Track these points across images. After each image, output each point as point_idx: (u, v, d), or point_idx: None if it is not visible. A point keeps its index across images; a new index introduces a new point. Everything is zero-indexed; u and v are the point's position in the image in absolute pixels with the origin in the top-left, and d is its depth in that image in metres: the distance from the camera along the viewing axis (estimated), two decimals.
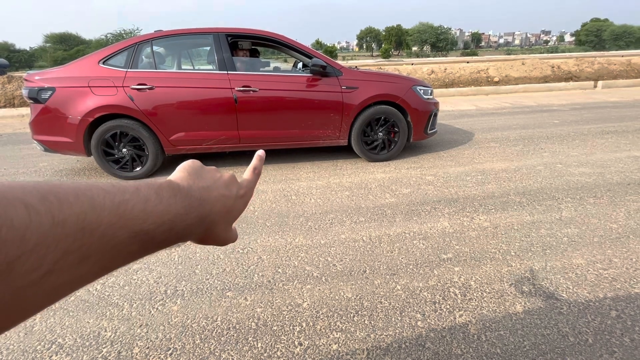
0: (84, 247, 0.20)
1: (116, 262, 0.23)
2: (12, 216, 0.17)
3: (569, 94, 8.10)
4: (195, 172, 0.34)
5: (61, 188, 0.21)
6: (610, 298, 1.50)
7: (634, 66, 9.67)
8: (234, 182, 0.37)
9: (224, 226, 0.35)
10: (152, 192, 0.26)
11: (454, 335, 1.33)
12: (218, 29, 3.26)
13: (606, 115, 5.33)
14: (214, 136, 3.23)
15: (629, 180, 2.80)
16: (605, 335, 1.30)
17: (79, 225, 0.20)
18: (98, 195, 0.22)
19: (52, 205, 0.19)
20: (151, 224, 0.25)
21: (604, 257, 1.80)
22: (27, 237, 0.17)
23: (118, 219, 0.22)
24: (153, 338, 1.37)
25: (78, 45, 54.19)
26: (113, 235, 0.22)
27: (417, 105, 3.48)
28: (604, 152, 3.55)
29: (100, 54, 3.12)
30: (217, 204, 0.33)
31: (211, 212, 0.32)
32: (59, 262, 0.19)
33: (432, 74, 9.29)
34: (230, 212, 0.35)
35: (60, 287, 0.20)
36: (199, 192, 0.31)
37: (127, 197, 0.24)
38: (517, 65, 9.48)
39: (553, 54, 13.97)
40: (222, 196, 0.34)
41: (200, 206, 0.31)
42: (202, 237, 0.33)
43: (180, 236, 0.28)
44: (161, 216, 0.26)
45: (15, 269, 0.17)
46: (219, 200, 0.34)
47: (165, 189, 0.28)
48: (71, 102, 2.99)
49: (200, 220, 0.30)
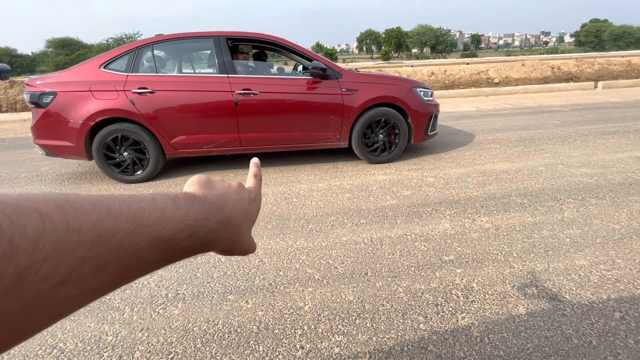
0: (101, 255, 0.20)
1: (136, 271, 0.23)
2: (26, 224, 0.17)
3: (569, 94, 8.10)
4: (205, 183, 0.34)
5: (77, 197, 0.20)
6: (614, 299, 1.49)
7: (634, 66, 9.67)
8: (243, 188, 0.38)
9: (246, 231, 0.35)
10: (169, 200, 0.26)
11: (457, 337, 1.32)
12: (218, 33, 3.28)
13: (607, 116, 5.32)
14: (215, 139, 3.24)
15: (631, 180, 2.79)
16: (609, 337, 1.29)
17: (96, 232, 0.20)
18: (114, 204, 0.22)
19: (67, 213, 0.19)
20: (170, 230, 0.25)
21: (607, 258, 1.78)
22: (40, 245, 0.17)
23: (136, 226, 0.22)
24: (154, 342, 1.36)
25: (79, 49, 54.52)
26: (132, 243, 0.22)
27: (418, 107, 3.48)
28: (605, 152, 3.54)
29: (101, 59, 3.14)
30: (236, 208, 0.33)
31: (232, 216, 0.32)
32: (75, 272, 0.18)
33: (432, 75, 9.31)
34: (248, 217, 0.36)
35: (75, 297, 0.19)
36: (216, 199, 0.32)
37: (144, 205, 0.24)
38: (517, 67, 9.49)
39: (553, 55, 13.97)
40: (238, 201, 0.35)
41: (220, 211, 0.31)
42: (228, 245, 0.33)
43: (204, 243, 0.28)
44: (180, 222, 0.26)
45: (27, 278, 0.16)
46: (236, 205, 0.34)
47: (182, 198, 0.28)
48: (72, 107, 3.00)
49: (224, 225, 0.30)
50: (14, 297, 0.16)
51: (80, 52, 51.40)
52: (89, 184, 3.28)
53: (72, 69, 3.16)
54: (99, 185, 3.22)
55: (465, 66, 10.08)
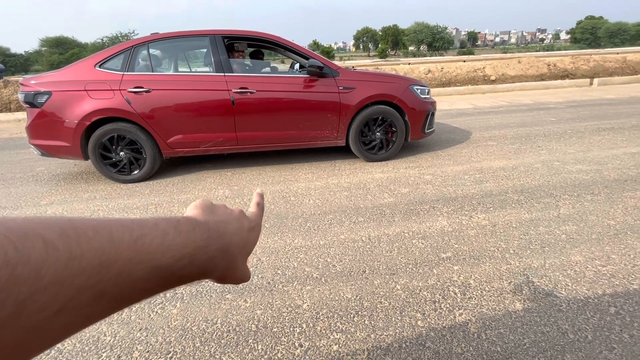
0: (100, 283, 0.20)
1: (132, 299, 0.23)
2: (30, 252, 0.16)
3: (565, 91, 8.14)
4: (207, 208, 0.34)
5: (81, 223, 0.20)
6: (609, 294, 1.50)
7: (629, 63, 9.72)
8: (244, 216, 0.37)
9: (242, 260, 0.35)
10: (171, 226, 0.26)
11: (454, 334, 1.33)
12: (214, 31, 3.26)
13: (602, 113, 5.36)
14: (212, 138, 3.23)
15: (625, 176, 2.81)
16: (604, 332, 1.31)
17: (97, 260, 0.19)
18: (117, 230, 0.22)
19: (70, 240, 0.18)
20: (170, 258, 0.24)
21: (602, 253, 1.80)
22: (42, 274, 0.17)
23: (136, 254, 0.22)
24: (153, 342, 1.36)
25: (74, 48, 54.03)
26: (131, 271, 0.21)
27: (415, 105, 3.49)
28: (600, 149, 3.56)
29: (96, 58, 3.11)
30: (235, 236, 0.33)
31: (230, 244, 0.32)
32: (73, 300, 0.18)
33: (429, 73, 9.31)
34: (246, 246, 0.35)
35: (70, 325, 0.19)
36: (216, 225, 0.31)
37: (146, 231, 0.24)
38: (514, 64, 9.52)
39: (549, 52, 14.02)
40: (238, 229, 0.34)
41: (220, 238, 0.31)
42: (224, 273, 0.32)
43: (202, 271, 0.28)
44: (180, 249, 0.25)
45: (26, 308, 0.16)
46: (235, 233, 0.34)
47: (184, 223, 0.28)
48: (68, 106, 2.98)
49: (222, 253, 0.30)
50: (11, 328, 0.16)
51: (75, 51, 50.94)
52: (85, 184, 3.26)
53: (67, 68, 3.13)
54: (95, 185, 3.20)
55: (462, 64, 10.09)
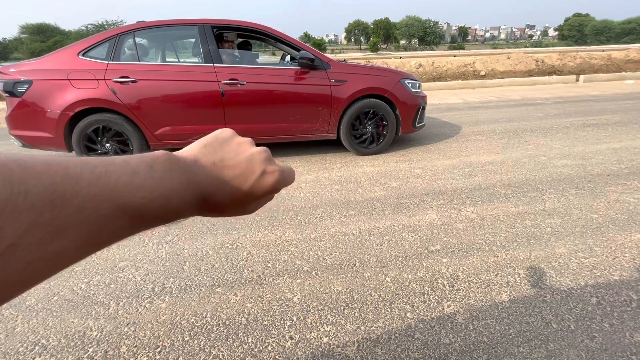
0: (57, 219, 0.19)
1: (104, 237, 0.22)
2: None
3: (552, 87, 8.28)
4: (213, 143, 0.31)
5: (31, 158, 0.19)
6: (591, 285, 1.55)
7: (614, 60, 9.94)
8: (262, 160, 0.32)
9: (234, 210, 0.31)
10: (144, 164, 0.24)
11: (443, 325, 1.36)
12: (203, 20, 3.18)
13: (587, 109, 5.47)
14: (201, 130, 3.17)
15: (608, 171, 2.89)
16: (586, 322, 1.35)
17: (48, 197, 0.18)
18: (75, 166, 0.21)
19: (12, 174, 0.18)
20: (141, 198, 0.23)
21: (585, 246, 1.85)
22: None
23: (99, 191, 0.21)
24: (141, 336, 1.35)
25: (56, 36, 52.10)
26: (94, 209, 0.20)
27: (406, 99, 3.49)
28: (585, 144, 3.65)
29: (79, 45, 3.00)
30: (228, 184, 0.29)
31: (216, 193, 0.29)
32: (25, 236, 0.18)
33: (420, 67, 9.34)
34: (247, 195, 0.31)
35: (37, 262, 0.19)
36: (203, 169, 0.28)
37: (112, 169, 0.22)
38: (503, 60, 9.62)
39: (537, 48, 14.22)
40: (239, 175, 0.30)
41: (199, 184, 0.27)
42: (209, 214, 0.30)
43: (179, 213, 0.27)
44: (152, 191, 0.24)
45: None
46: (232, 179, 0.30)
47: (161, 162, 0.26)
48: (50, 96, 2.88)
49: (200, 200, 0.28)
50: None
51: (57, 38, 49.10)
52: None
53: (49, 56, 3.02)
54: None
55: (452, 58, 10.15)
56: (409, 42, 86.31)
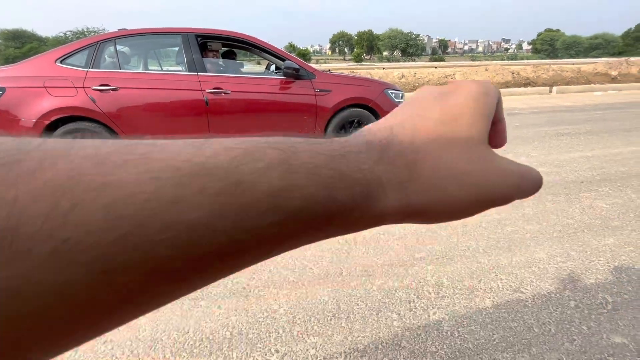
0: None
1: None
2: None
3: (528, 98, 8.64)
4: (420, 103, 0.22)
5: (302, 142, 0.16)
6: (569, 289, 1.60)
7: (583, 73, 10.51)
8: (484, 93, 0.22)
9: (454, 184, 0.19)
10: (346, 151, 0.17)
11: (429, 333, 1.36)
12: (187, 29, 3.17)
13: (560, 119, 5.73)
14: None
15: (582, 178, 3.02)
16: (565, 325, 1.39)
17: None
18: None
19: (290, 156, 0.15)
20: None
21: (562, 250, 1.92)
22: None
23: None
24: (119, 354, 1.29)
25: (32, 42, 50.52)
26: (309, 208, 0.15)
27: (390, 109, 3.55)
28: (559, 152, 3.81)
29: (57, 52, 2.92)
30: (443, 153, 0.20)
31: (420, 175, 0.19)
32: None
33: (403, 78, 9.57)
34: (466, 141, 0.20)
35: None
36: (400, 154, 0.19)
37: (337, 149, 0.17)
38: (481, 71, 10.00)
39: (513, 61, 14.89)
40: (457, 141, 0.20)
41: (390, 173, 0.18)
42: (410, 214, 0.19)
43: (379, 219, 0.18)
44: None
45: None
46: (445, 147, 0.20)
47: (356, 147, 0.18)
48: (24, 104, 2.77)
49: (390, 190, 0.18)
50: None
51: (33, 45, 47.64)
52: None
53: (24, 62, 2.93)
54: None
55: (433, 70, 10.47)
56: (392, 54, 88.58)
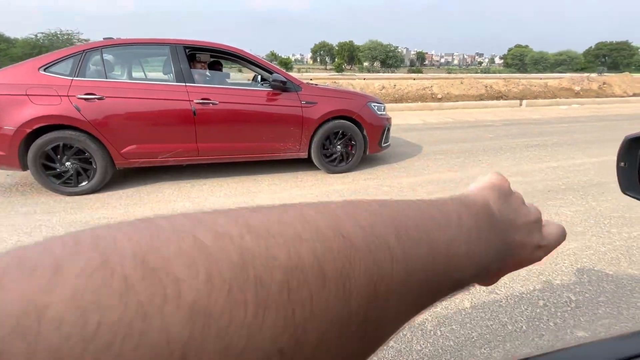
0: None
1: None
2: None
3: (500, 111, 9.14)
4: (504, 195, 0.25)
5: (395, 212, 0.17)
6: (538, 290, 1.75)
7: (550, 88, 11.24)
8: (539, 227, 0.27)
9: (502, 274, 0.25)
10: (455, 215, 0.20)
11: (414, 332, 1.46)
12: (175, 41, 3.21)
13: (529, 131, 6.13)
14: (171, 149, 3.13)
15: (549, 187, 3.26)
16: (535, 322, 1.53)
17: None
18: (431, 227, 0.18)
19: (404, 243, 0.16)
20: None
21: None
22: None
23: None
24: None
25: (1, 44, 48.07)
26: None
27: (372, 121, 3.71)
28: (528, 163, 4.09)
29: (40, 60, 2.88)
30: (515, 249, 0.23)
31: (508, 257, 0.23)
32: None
33: (383, 89, 9.89)
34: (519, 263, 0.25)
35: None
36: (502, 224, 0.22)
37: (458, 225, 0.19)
38: (457, 84, 10.49)
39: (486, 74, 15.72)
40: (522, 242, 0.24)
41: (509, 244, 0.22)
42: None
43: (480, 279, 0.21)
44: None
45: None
46: (518, 247, 0.24)
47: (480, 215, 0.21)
48: (4, 112, 2.70)
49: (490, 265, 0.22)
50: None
51: (2, 46, 45.37)
52: (21, 196, 2.95)
53: (5, 70, 2.86)
54: (35, 197, 2.91)
55: (412, 81, 10.88)
56: (372, 64, 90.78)
